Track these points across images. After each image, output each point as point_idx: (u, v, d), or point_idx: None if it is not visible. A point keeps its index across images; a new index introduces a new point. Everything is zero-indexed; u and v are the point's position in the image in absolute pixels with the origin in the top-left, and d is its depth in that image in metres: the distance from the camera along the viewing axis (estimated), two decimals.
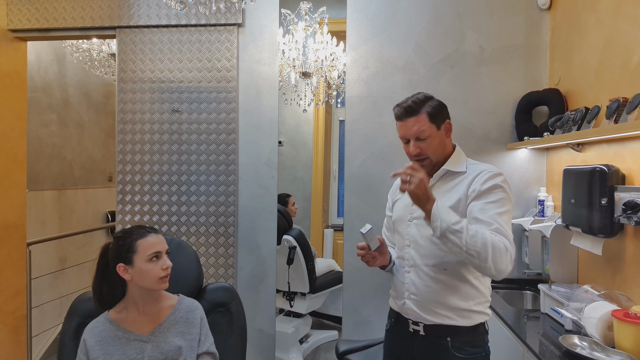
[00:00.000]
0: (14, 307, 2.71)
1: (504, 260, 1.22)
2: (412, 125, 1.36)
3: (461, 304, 1.36)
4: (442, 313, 1.37)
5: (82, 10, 2.57)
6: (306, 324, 3.56)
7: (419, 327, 1.41)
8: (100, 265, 1.39)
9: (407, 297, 1.42)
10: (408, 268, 1.43)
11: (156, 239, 1.38)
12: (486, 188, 1.31)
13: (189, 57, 2.52)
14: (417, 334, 1.41)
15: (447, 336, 1.37)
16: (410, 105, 1.36)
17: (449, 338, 1.36)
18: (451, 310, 1.36)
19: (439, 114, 1.38)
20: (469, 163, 1.42)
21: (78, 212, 4.02)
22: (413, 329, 1.42)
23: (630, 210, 1.46)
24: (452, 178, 1.40)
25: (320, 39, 2.95)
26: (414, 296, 1.41)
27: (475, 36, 2.41)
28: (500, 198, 1.30)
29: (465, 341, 1.37)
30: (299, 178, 4.35)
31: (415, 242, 1.41)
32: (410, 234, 1.43)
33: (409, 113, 1.36)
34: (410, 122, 1.36)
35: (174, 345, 1.36)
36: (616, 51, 1.75)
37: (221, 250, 2.50)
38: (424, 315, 1.39)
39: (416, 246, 1.41)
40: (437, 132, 1.37)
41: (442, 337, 1.37)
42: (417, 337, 1.42)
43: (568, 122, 1.95)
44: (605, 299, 1.55)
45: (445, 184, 1.41)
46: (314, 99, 3.38)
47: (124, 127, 2.56)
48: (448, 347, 1.36)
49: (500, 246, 1.22)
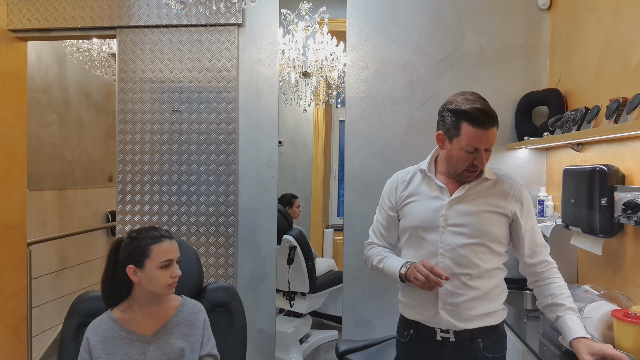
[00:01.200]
0: (14, 307, 2.71)
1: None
2: (493, 135, 1.29)
3: (491, 307, 1.37)
4: (474, 319, 1.35)
5: (82, 10, 2.57)
6: (306, 324, 3.56)
7: (449, 334, 1.36)
8: (110, 261, 1.38)
9: (442, 307, 1.35)
10: None
11: (171, 246, 1.37)
12: (528, 208, 1.40)
13: (189, 57, 2.52)
14: (447, 341, 1.36)
15: (478, 338, 1.35)
16: (493, 113, 1.28)
17: (480, 339, 1.35)
18: (483, 314, 1.36)
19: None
20: (491, 170, 1.41)
21: (78, 212, 4.02)
22: (442, 337, 1.36)
23: (630, 210, 1.46)
24: (482, 182, 1.39)
25: (320, 39, 2.95)
26: (449, 306, 1.35)
27: (475, 36, 2.41)
28: (534, 214, 1.43)
29: (494, 339, 1.38)
30: (299, 178, 4.35)
31: (452, 251, 1.35)
32: (446, 242, 1.36)
33: (494, 122, 1.28)
34: (492, 133, 1.28)
35: (176, 347, 1.36)
36: (616, 51, 1.75)
37: (221, 250, 2.50)
38: (458, 324, 1.35)
39: (453, 255, 1.35)
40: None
41: (474, 339, 1.35)
42: (446, 344, 1.36)
43: (568, 122, 1.95)
44: (605, 298, 1.55)
45: (478, 188, 1.38)
46: (314, 99, 3.39)
47: (124, 127, 2.56)
48: (480, 349, 1.35)
49: (563, 281, 1.40)
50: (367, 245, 1.57)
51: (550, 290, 1.38)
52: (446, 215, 1.36)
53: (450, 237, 1.35)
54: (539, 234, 1.42)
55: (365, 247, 1.58)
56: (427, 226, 1.38)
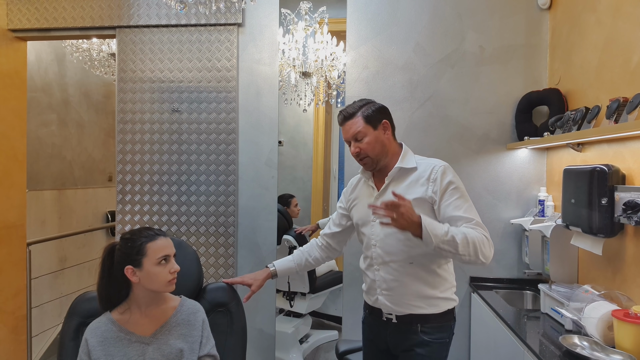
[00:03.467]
0: (14, 307, 2.71)
1: (488, 249, 1.38)
2: (350, 127, 1.50)
3: (429, 293, 1.48)
4: (412, 304, 1.48)
5: (82, 10, 2.57)
6: (306, 324, 3.56)
7: (391, 316, 1.53)
8: (105, 266, 1.38)
9: (380, 293, 1.53)
10: (377, 266, 1.53)
11: (165, 243, 1.38)
12: (445, 186, 1.43)
13: (189, 57, 2.52)
14: (390, 322, 1.53)
15: (417, 323, 1.49)
16: (348, 110, 1.52)
17: (419, 324, 1.48)
18: (421, 299, 1.48)
19: (375, 115, 1.50)
20: (417, 159, 1.53)
21: (78, 212, 4.02)
22: (386, 317, 1.54)
23: (630, 210, 1.46)
24: (406, 175, 1.50)
25: (320, 39, 2.94)
26: (386, 292, 1.52)
27: (475, 36, 2.40)
28: (462, 191, 1.44)
29: (434, 327, 1.49)
30: (299, 178, 4.35)
31: (381, 241, 1.51)
32: (375, 233, 1.52)
33: (347, 118, 1.51)
34: (348, 126, 1.51)
35: (175, 347, 1.36)
36: (616, 51, 1.75)
37: (221, 250, 2.50)
38: (396, 308, 1.50)
39: (382, 244, 1.51)
40: (373, 132, 1.49)
41: (413, 323, 1.49)
42: (389, 324, 1.54)
43: (568, 122, 1.95)
44: (605, 298, 1.55)
45: (400, 181, 1.51)
46: (314, 99, 3.38)
47: (124, 127, 2.56)
48: (417, 332, 1.49)
49: (483, 239, 1.37)
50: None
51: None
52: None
53: (378, 229, 1.51)
54: (461, 210, 1.41)
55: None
56: (362, 222, 1.58)
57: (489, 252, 1.37)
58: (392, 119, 1.56)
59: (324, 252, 1.76)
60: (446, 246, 1.33)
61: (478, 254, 1.35)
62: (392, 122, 1.55)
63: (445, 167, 1.46)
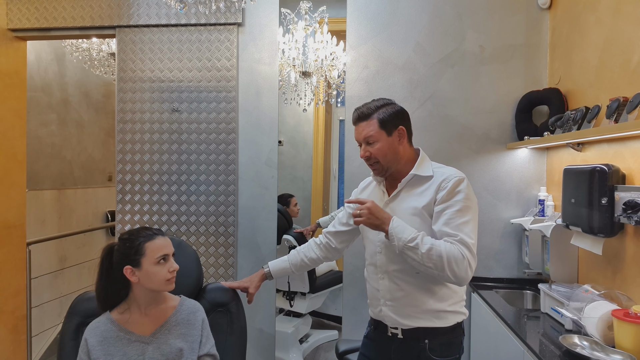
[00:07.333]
0: (14, 306, 2.71)
1: (462, 268, 1.26)
2: (362, 129, 1.41)
3: (436, 306, 1.38)
4: (418, 316, 1.39)
5: (82, 10, 2.57)
6: (306, 324, 3.56)
7: (397, 330, 1.43)
8: (104, 266, 1.38)
9: (383, 304, 1.44)
10: (381, 275, 1.45)
11: (164, 242, 1.38)
12: (451, 196, 1.33)
13: (189, 57, 2.52)
14: (395, 337, 1.43)
15: (425, 338, 1.38)
16: (363, 110, 1.42)
17: (426, 340, 1.38)
18: (427, 312, 1.38)
19: (391, 120, 1.40)
20: (434, 167, 1.43)
21: (78, 212, 4.02)
22: (392, 332, 1.44)
23: (630, 210, 1.46)
24: (420, 182, 1.41)
25: (320, 39, 2.94)
26: (390, 302, 1.43)
27: (475, 35, 2.40)
28: (464, 206, 1.32)
29: (443, 343, 1.39)
30: (299, 178, 4.35)
31: (386, 248, 1.42)
32: (381, 240, 1.43)
33: (361, 118, 1.42)
34: (361, 127, 1.42)
35: (175, 347, 1.36)
36: (616, 50, 1.75)
37: (221, 250, 2.50)
38: (401, 321, 1.41)
39: (387, 252, 1.42)
40: (386, 138, 1.40)
41: (420, 339, 1.39)
42: (395, 340, 1.43)
43: (568, 122, 1.95)
44: (605, 298, 1.55)
45: (414, 188, 1.42)
46: (314, 99, 3.38)
47: (124, 126, 2.56)
48: (425, 349, 1.38)
49: (457, 255, 1.26)
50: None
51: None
52: None
53: (383, 236, 1.39)
54: (451, 225, 1.30)
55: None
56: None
57: (462, 271, 1.25)
58: (410, 123, 1.45)
59: (323, 252, 1.67)
60: (409, 252, 1.27)
61: (445, 268, 1.24)
62: (410, 128, 1.45)
63: (461, 179, 1.35)
